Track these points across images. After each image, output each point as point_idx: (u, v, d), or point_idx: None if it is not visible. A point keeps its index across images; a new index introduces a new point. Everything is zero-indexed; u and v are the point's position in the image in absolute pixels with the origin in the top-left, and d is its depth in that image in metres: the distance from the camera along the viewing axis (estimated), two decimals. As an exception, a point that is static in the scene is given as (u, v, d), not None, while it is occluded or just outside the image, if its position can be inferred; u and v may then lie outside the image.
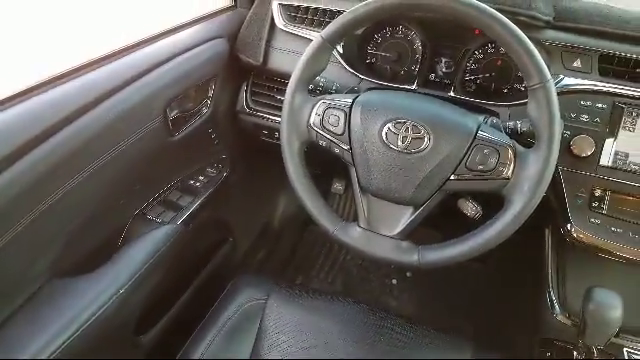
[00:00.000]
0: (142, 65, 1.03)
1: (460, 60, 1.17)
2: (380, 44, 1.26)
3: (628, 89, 0.99)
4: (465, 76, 1.19)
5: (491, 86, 1.17)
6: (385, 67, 1.26)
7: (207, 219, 1.30)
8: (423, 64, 1.19)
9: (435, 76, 1.22)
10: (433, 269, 0.87)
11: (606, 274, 1.09)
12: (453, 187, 0.88)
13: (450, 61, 1.20)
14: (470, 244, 0.87)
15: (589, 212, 0.99)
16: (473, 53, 1.17)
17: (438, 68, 1.21)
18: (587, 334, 0.93)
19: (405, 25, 1.22)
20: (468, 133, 0.86)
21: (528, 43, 0.81)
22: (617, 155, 1.00)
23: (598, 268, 1.10)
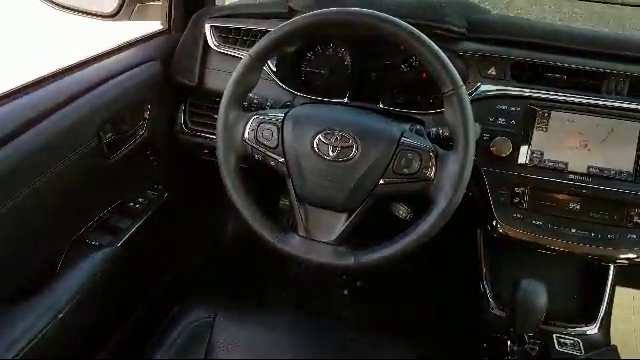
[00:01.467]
0: (74, 89, 1.03)
1: (388, 73, 1.24)
2: (313, 61, 1.31)
3: (539, 92, 1.07)
4: (394, 88, 1.25)
5: (417, 97, 1.23)
6: (319, 83, 1.31)
7: (150, 241, 1.29)
8: (354, 79, 1.25)
9: (366, 90, 1.27)
10: (384, 278, 0.91)
11: (534, 266, 1.16)
12: (383, 191, 0.93)
13: (379, 75, 1.26)
14: (401, 244, 0.91)
15: (511, 208, 1.06)
16: (400, 67, 1.24)
17: (370, 82, 1.27)
18: (517, 323, 0.99)
19: (335, 42, 1.28)
20: (392, 140, 0.92)
21: (440, 53, 0.88)
22: (533, 154, 1.07)
23: (527, 261, 1.17)
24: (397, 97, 1.25)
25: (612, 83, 1.05)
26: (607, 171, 1.04)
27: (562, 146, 1.06)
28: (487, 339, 1.11)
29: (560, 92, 1.06)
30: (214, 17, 1.29)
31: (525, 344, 1.04)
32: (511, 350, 1.04)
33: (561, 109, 1.06)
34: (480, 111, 1.09)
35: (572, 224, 1.03)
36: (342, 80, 1.28)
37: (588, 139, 1.05)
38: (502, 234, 1.07)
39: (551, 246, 1.04)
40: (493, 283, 1.19)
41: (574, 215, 1.04)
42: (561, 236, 1.03)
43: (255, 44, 0.96)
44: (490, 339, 1.10)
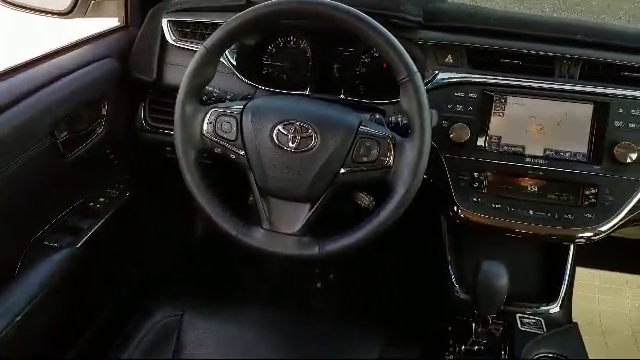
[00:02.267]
0: (25, 86, 1.01)
1: (350, 65, 1.24)
2: (274, 54, 1.30)
3: (495, 78, 1.09)
4: (356, 79, 1.26)
5: (379, 86, 1.24)
6: (281, 76, 1.31)
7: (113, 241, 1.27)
8: (315, 70, 1.25)
9: (329, 81, 1.28)
10: (357, 269, 0.91)
11: (497, 249, 1.18)
12: (344, 180, 0.93)
13: (341, 66, 1.26)
14: (364, 231, 0.92)
15: (471, 193, 1.08)
16: (360, 57, 1.25)
17: (331, 73, 1.28)
18: (480, 305, 1.00)
19: (297, 35, 1.27)
20: (351, 129, 0.92)
21: (394, 41, 0.89)
22: (491, 139, 1.09)
23: (490, 244, 1.20)
24: (359, 87, 1.26)
25: (565, 67, 1.08)
26: (562, 153, 1.06)
27: (519, 130, 1.08)
28: (453, 322, 1.12)
29: (515, 77, 1.08)
30: (171, 12, 1.27)
31: (489, 325, 1.06)
32: (476, 332, 1.05)
33: (517, 94, 1.08)
34: (439, 98, 1.10)
35: (530, 206, 1.06)
36: (304, 72, 1.28)
37: (543, 123, 1.08)
38: (463, 219, 1.09)
39: (510, 228, 1.06)
40: (457, 267, 1.21)
41: (532, 197, 1.06)
42: (519, 218, 1.05)
43: (209, 36, 0.95)
44: (455, 322, 1.12)
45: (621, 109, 1.03)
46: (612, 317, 1.79)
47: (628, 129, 1.03)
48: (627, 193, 1.02)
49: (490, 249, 1.18)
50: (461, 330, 1.09)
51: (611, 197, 1.02)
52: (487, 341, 1.06)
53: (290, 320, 1.16)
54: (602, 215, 1.02)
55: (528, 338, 1.04)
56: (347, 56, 1.25)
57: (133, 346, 1.08)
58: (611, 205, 1.02)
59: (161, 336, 1.11)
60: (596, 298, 1.83)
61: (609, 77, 1.06)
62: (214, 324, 1.13)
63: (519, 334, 1.05)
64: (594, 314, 1.80)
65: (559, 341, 1.04)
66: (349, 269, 1.89)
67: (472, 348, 1.04)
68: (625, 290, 1.84)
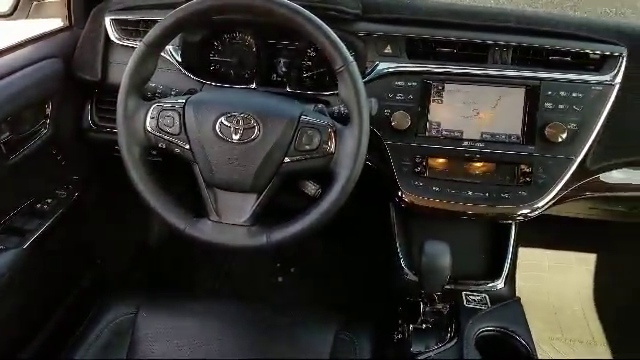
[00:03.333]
0: None
1: (296, 58, 1.27)
2: (221, 50, 1.32)
3: (432, 67, 1.13)
4: (302, 72, 1.29)
5: (324, 78, 1.27)
6: (229, 71, 1.32)
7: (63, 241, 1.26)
8: (261, 65, 1.27)
9: (276, 75, 1.30)
10: (317, 262, 0.92)
11: (443, 231, 1.21)
12: (289, 169, 0.96)
13: (287, 60, 1.28)
14: (309, 219, 0.95)
15: (414, 177, 1.12)
16: (306, 51, 1.27)
17: (278, 68, 1.30)
18: (425, 284, 1.04)
19: (241, 30, 1.29)
20: (292, 119, 0.95)
21: (329, 32, 0.91)
22: (431, 125, 1.14)
23: (436, 226, 1.24)
24: (305, 80, 1.28)
25: (497, 53, 1.13)
26: (498, 136, 1.12)
27: (457, 116, 1.13)
28: (402, 303, 1.16)
29: (451, 65, 1.13)
30: (114, 10, 1.27)
31: (436, 304, 1.10)
32: (424, 311, 1.10)
33: (454, 81, 1.13)
34: (380, 88, 1.14)
35: (469, 187, 1.10)
36: (250, 67, 1.30)
37: (480, 107, 1.13)
38: (408, 203, 1.12)
39: (451, 210, 1.11)
40: (406, 250, 1.25)
41: (470, 179, 1.11)
42: (459, 199, 1.10)
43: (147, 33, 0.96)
44: (405, 303, 1.16)
45: (550, 91, 1.09)
46: (562, 295, 1.87)
47: (558, 110, 1.09)
48: (559, 171, 1.08)
49: (437, 231, 1.22)
50: (410, 310, 1.12)
51: (544, 175, 1.08)
52: (435, 319, 1.10)
53: (247, 313, 1.17)
54: (536, 193, 1.08)
55: (473, 314, 1.08)
56: (293, 50, 1.27)
57: (87, 344, 1.08)
58: (544, 183, 1.08)
59: (115, 335, 1.11)
60: (547, 277, 1.91)
61: (539, 62, 1.12)
62: (169, 320, 1.13)
63: (464, 311, 1.10)
64: (545, 293, 1.87)
65: (501, 315, 1.09)
66: (310, 262, 1.92)
67: (420, 327, 1.08)
68: (574, 268, 1.92)
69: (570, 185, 1.10)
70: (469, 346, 1.00)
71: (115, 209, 1.55)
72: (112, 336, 1.10)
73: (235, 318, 1.16)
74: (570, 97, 1.09)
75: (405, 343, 1.05)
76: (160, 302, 1.18)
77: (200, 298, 1.27)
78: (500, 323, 1.06)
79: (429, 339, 1.05)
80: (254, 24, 1.25)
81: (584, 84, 1.09)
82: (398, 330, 1.09)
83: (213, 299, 1.32)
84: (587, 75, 1.09)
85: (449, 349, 1.01)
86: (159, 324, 1.12)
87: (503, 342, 1.04)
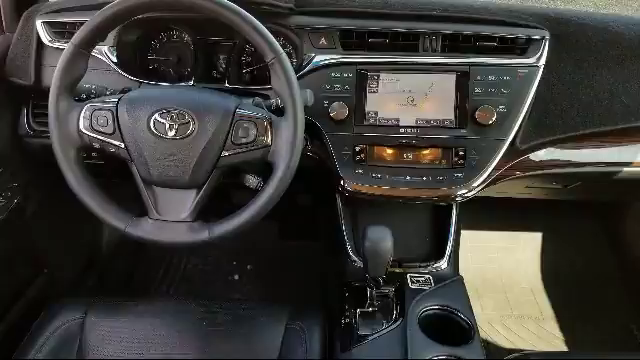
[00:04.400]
0: None
1: (235, 54, 1.27)
2: (159, 49, 1.31)
3: (367, 57, 1.16)
4: (242, 68, 1.29)
5: (265, 73, 1.28)
6: (168, 70, 1.32)
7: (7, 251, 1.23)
8: (199, 62, 1.26)
9: (216, 72, 1.30)
10: (273, 256, 0.91)
11: (387, 216, 1.26)
12: (227, 162, 0.97)
13: (226, 56, 1.29)
14: (251, 211, 0.96)
15: (354, 165, 1.14)
16: (245, 47, 1.28)
17: (218, 64, 1.30)
18: (369, 268, 1.07)
19: (179, 28, 1.29)
20: (228, 112, 0.95)
21: (258, 25, 0.93)
22: (369, 114, 1.16)
23: (382, 212, 1.28)
24: (245, 76, 1.29)
25: (427, 41, 1.16)
26: (433, 121, 1.15)
27: (393, 104, 1.16)
28: (349, 289, 1.19)
29: (384, 55, 1.16)
30: (45, 13, 1.24)
31: (381, 287, 1.13)
32: (370, 295, 1.12)
33: (388, 70, 1.16)
34: (317, 80, 1.16)
35: (407, 172, 1.14)
36: (189, 65, 1.30)
37: (414, 95, 1.16)
38: (350, 191, 1.15)
39: (392, 195, 1.14)
40: (352, 237, 1.28)
41: (408, 164, 1.15)
42: (399, 184, 1.13)
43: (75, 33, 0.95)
44: (352, 288, 1.18)
45: (479, 76, 1.14)
46: (512, 274, 1.94)
47: (487, 94, 1.13)
48: (491, 152, 1.12)
49: (382, 217, 1.26)
50: (358, 295, 1.15)
51: (477, 157, 1.12)
52: (381, 302, 1.13)
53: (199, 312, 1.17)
54: (471, 174, 1.12)
55: (417, 294, 1.12)
56: (231, 46, 1.27)
57: (35, 350, 1.06)
58: (477, 164, 1.12)
59: (63, 340, 1.09)
60: (497, 258, 1.98)
61: (468, 48, 1.16)
62: (119, 322, 1.12)
63: (409, 292, 1.13)
64: (496, 273, 1.94)
65: (444, 294, 1.13)
66: (266, 257, 1.93)
67: (367, 310, 1.11)
68: (522, 248, 2.00)
69: (502, 165, 1.15)
70: (412, 325, 1.03)
71: (62, 215, 1.52)
72: (60, 341, 1.09)
73: (187, 317, 1.16)
74: (498, 81, 1.13)
75: (352, 327, 1.08)
76: (110, 305, 1.17)
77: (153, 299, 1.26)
78: (442, 301, 1.10)
79: (375, 321, 1.08)
80: (191, 22, 1.25)
81: (511, 68, 1.14)
82: (345, 315, 1.12)
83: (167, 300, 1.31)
84: (513, 59, 1.15)
85: (394, 329, 1.04)
86: (108, 327, 1.11)
87: (446, 319, 1.07)
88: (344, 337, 1.07)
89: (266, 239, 1.98)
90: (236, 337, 1.12)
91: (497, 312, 1.81)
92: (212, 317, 1.16)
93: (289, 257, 1.91)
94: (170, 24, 1.28)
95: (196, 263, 1.96)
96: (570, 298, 1.87)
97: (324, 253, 1.71)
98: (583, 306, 1.85)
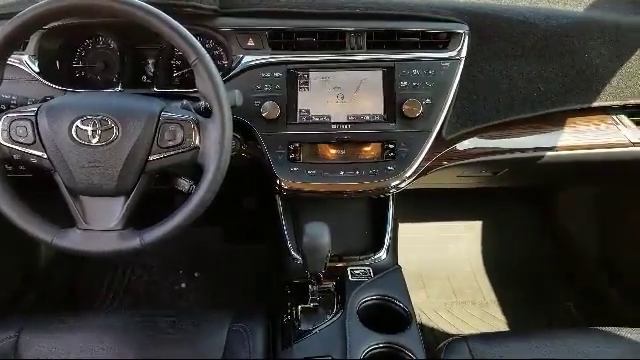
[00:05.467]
0: None
1: (164, 58, 1.26)
2: (85, 57, 1.28)
3: (295, 57, 1.17)
4: (172, 72, 1.28)
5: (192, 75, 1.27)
6: (95, 77, 1.28)
7: None
8: (126, 68, 1.24)
9: (146, 77, 1.28)
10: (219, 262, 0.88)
11: (326, 212, 1.27)
12: (155, 166, 0.95)
13: (155, 61, 1.27)
14: (183, 214, 0.95)
15: (289, 164, 1.15)
16: (173, 51, 1.27)
17: (146, 69, 1.28)
18: (308, 264, 1.08)
19: (104, 35, 1.26)
20: (152, 116, 0.94)
21: (178, 27, 0.92)
22: (301, 112, 1.17)
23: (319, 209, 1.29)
24: (175, 79, 1.28)
25: (353, 39, 1.19)
26: (363, 116, 1.18)
27: (324, 101, 1.18)
28: (291, 286, 1.19)
29: (312, 53, 1.18)
30: None
31: (322, 282, 1.14)
32: (312, 291, 1.13)
33: (317, 69, 1.18)
34: (247, 80, 1.17)
35: (341, 168, 1.16)
36: (116, 71, 1.27)
37: (344, 92, 1.18)
38: (287, 189, 1.16)
39: (327, 190, 1.16)
40: (293, 234, 1.29)
41: (342, 159, 1.17)
42: (333, 180, 1.15)
43: None
44: (293, 285, 1.19)
45: (404, 71, 1.17)
46: (455, 262, 2.01)
47: (412, 87, 1.17)
48: (419, 144, 1.16)
49: (321, 213, 1.27)
50: (299, 292, 1.16)
51: (407, 149, 1.16)
52: (323, 297, 1.14)
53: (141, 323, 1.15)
54: (401, 165, 1.15)
55: (357, 286, 1.14)
56: (158, 50, 1.26)
57: None
58: (407, 156, 1.15)
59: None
60: (440, 247, 2.04)
61: (391, 44, 1.19)
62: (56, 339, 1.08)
63: (349, 285, 1.15)
64: (438, 262, 2.00)
65: (382, 284, 1.15)
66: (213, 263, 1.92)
67: (308, 306, 1.11)
68: (464, 236, 2.07)
69: (432, 156, 1.18)
70: (352, 316, 1.05)
71: None
72: None
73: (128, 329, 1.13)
74: (422, 75, 1.17)
75: (293, 323, 1.08)
76: (48, 322, 1.13)
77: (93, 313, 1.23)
78: (381, 291, 1.12)
79: (317, 316, 1.09)
80: (115, 27, 1.22)
81: (434, 61, 1.18)
82: (287, 312, 1.12)
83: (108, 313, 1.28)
84: (436, 53, 1.19)
85: (334, 322, 1.06)
86: (45, 344, 1.07)
87: (384, 308, 1.10)
88: (286, 334, 1.07)
89: (213, 245, 1.96)
90: (178, 344, 1.10)
91: (442, 300, 1.87)
92: (153, 326, 1.14)
93: (236, 261, 1.90)
94: (95, 30, 1.25)
95: (141, 274, 1.92)
96: (511, 281, 1.95)
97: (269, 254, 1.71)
98: (523, 288, 1.93)
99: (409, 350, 0.98)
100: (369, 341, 0.99)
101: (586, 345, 1.07)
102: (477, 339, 1.08)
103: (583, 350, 1.05)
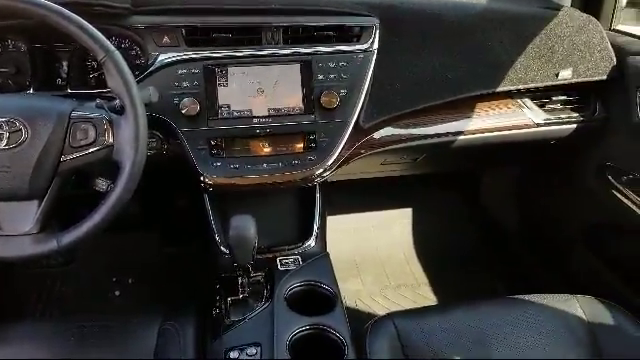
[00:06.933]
0: None
1: (77, 59, 1.23)
2: None
3: (212, 53, 1.18)
4: (88, 73, 1.26)
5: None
6: (6, 81, 1.24)
7: None
8: (37, 71, 1.21)
9: (61, 79, 1.25)
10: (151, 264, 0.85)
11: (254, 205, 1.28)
12: (68, 167, 0.94)
13: (69, 62, 1.24)
14: (100, 214, 0.94)
15: (211, 159, 1.16)
16: (86, 51, 1.24)
17: (61, 71, 1.25)
18: (236, 256, 1.09)
19: (11, 37, 1.22)
20: (62, 116, 0.93)
21: (84, 24, 0.92)
22: (221, 108, 1.19)
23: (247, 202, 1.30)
24: (89, 80, 1.25)
25: (269, 34, 1.21)
26: (283, 110, 1.21)
27: (244, 96, 1.20)
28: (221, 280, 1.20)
29: (229, 49, 1.19)
30: None
31: (251, 274, 1.16)
32: (242, 283, 1.15)
33: (235, 64, 1.19)
34: (165, 78, 1.16)
35: (264, 160, 1.18)
36: (29, 74, 1.23)
37: (263, 86, 1.20)
38: (211, 184, 1.17)
39: (251, 183, 1.18)
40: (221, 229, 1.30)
41: (264, 152, 1.19)
42: (257, 172, 1.17)
43: None
44: (223, 279, 1.20)
45: (321, 64, 1.21)
46: (388, 248, 2.08)
47: (329, 80, 1.21)
48: (338, 133, 1.20)
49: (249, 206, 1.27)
50: (229, 285, 1.17)
51: (327, 139, 1.20)
52: (253, 288, 1.16)
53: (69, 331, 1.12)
54: (322, 155, 1.19)
55: (285, 275, 1.16)
56: (72, 51, 1.23)
57: None
58: (327, 145, 1.19)
59: None
60: (373, 236, 2.11)
61: (307, 38, 1.23)
62: None
63: (278, 274, 1.18)
64: (372, 249, 2.07)
65: (310, 270, 1.19)
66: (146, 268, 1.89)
67: (237, 298, 1.13)
68: (396, 223, 2.15)
69: (351, 145, 1.23)
70: (279, 303, 1.08)
71: None
72: None
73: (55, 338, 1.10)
74: (338, 67, 1.21)
75: (222, 316, 1.10)
76: None
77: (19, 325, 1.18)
78: (308, 277, 1.15)
79: (246, 308, 1.11)
80: (24, 29, 1.18)
81: (348, 54, 1.23)
82: (216, 306, 1.13)
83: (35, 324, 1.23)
84: (349, 46, 1.23)
85: (263, 311, 1.08)
86: None
87: (311, 294, 1.13)
88: (215, 327, 1.08)
89: (147, 250, 1.93)
90: (108, 348, 1.09)
91: (377, 285, 1.93)
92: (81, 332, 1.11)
93: (172, 264, 1.88)
94: (4, 34, 1.21)
95: (72, 284, 1.86)
96: (441, 264, 2.05)
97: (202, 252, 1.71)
98: (454, 271, 2.02)
99: (335, 330, 1.01)
100: (296, 324, 1.02)
101: (505, 312, 1.15)
102: (402, 315, 1.14)
103: (503, 317, 1.13)
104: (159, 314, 1.14)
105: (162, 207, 1.94)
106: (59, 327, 1.14)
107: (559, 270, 1.80)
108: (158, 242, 1.96)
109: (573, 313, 1.15)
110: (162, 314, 1.14)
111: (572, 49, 1.36)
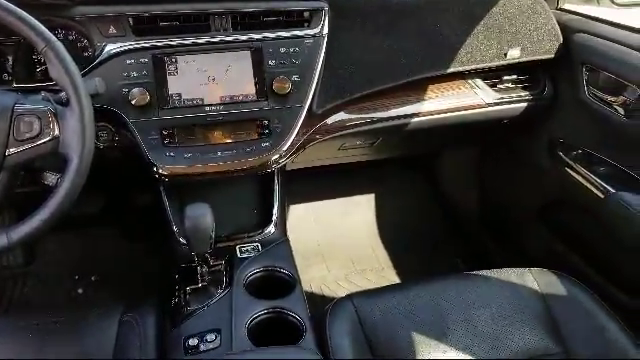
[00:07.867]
0: None
1: (23, 53, 1.20)
2: None
3: (160, 41, 1.17)
4: (34, 67, 1.22)
5: None
6: None
7: None
8: None
9: (8, 75, 1.22)
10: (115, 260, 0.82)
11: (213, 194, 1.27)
12: (14, 161, 0.92)
13: (14, 57, 1.21)
14: (49, 209, 0.92)
15: (164, 149, 1.15)
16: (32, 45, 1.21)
17: (6, 66, 1.21)
18: (193, 245, 1.09)
19: None
20: (4, 109, 0.91)
21: (23, 16, 0.90)
22: (172, 97, 1.17)
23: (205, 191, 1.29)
24: (36, 74, 1.22)
25: (217, 21, 1.20)
26: (236, 97, 1.20)
27: (195, 85, 1.19)
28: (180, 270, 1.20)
29: (177, 37, 1.18)
30: None
31: (211, 263, 1.16)
32: (201, 273, 1.15)
33: (184, 52, 1.18)
34: (112, 68, 1.14)
35: (217, 149, 1.17)
36: None
37: (214, 74, 1.19)
38: (165, 174, 1.15)
39: (206, 172, 1.17)
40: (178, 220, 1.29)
41: (218, 140, 1.18)
42: (211, 161, 1.16)
43: None
44: (182, 269, 1.20)
45: (271, 50, 1.21)
46: (353, 234, 2.10)
47: (280, 65, 1.21)
48: (291, 119, 1.20)
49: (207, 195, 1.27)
50: (189, 275, 1.17)
51: (281, 125, 1.20)
52: (213, 277, 1.16)
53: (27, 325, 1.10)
54: (276, 141, 1.19)
55: (245, 262, 1.17)
56: (17, 45, 1.20)
57: None
58: (282, 131, 1.20)
59: None
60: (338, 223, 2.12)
61: (256, 24, 1.22)
62: None
63: (238, 261, 1.18)
64: (337, 236, 2.08)
65: (269, 256, 1.20)
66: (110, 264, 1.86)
67: (197, 287, 1.13)
68: (358, 209, 2.18)
69: (306, 130, 1.24)
70: (238, 290, 1.08)
71: None
72: None
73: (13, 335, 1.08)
74: (289, 52, 1.22)
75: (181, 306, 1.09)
76: None
77: None
78: (267, 263, 1.16)
79: (205, 296, 1.11)
80: None
81: (298, 39, 1.23)
82: (175, 295, 1.13)
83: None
84: (299, 31, 1.23)
85: (222, 298, 1.08)
86: None
87: (271, 279, 1.14)
88: (175, 316, 1.08)
89: (109, 247, 1.91)
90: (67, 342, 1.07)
91: (342, 271, 1.95)
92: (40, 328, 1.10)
93: (136, 260, 1.86)
94: None
95: (34, 284, 1.83)
96: (404, 246, 2.08)
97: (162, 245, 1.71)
98: (417, 253, 2.06)
99: (293, 312, 1.03)
100: (254, 309, 1.02)
101: (461, 287, 1.18)
102: (361, 295, 1.15)
103: (459, 291, 1.16)
104: (119, 307, 1.13)
105: (123, 203, 1.92)
106: (17, 324, 1.12)
107: (516, 247, 1.86)
108: (120, 238, 1.94)
109: (527, 285, 1.19)
110: (122, 306, 1.13)
111: (520, 28, 1.39)
